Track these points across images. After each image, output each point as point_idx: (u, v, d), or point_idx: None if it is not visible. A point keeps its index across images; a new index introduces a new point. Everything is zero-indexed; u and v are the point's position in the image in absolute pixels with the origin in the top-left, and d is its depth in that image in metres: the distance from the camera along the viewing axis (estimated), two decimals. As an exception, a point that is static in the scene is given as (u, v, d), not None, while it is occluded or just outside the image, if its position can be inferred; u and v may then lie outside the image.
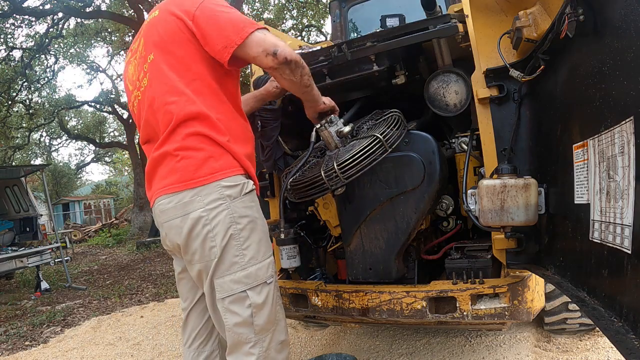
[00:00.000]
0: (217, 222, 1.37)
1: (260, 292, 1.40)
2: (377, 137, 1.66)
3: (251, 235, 1.41)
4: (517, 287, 1.68)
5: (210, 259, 1.39)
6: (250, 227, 1.42)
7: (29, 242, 7.49)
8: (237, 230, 1.39)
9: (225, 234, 1.37)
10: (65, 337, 4.32)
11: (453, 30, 1.70)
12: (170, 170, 1.41)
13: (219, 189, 1.38)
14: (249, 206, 1.44)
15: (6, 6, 9.30)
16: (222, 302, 1.41)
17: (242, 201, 1.42)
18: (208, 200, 1.37)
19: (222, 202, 1.38)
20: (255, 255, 1.41)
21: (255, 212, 1.46)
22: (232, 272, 1.38)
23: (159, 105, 1.43)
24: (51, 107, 14.53)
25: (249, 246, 1.40)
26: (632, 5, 0.82)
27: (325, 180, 1.68)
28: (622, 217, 0.88)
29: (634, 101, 0.81)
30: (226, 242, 1.38)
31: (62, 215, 22.23)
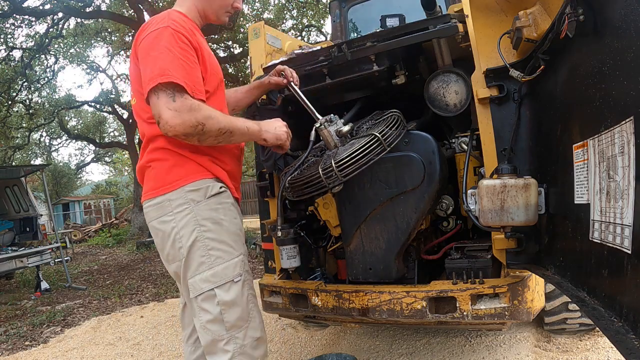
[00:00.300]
0: (183, 224, 1.46)
1: (228, 289, 1.46)
2: (375, 136, 1.66)
3: (216, 236, 1.47)
4: (517, 287, 1.68)
5: (180, 259, 1.48)
6: (215, 229, 1.48)
7: (29, 242, 7.48)
8: (201, 232, 1.46)
9: (190, 236, 1.45)
10: (65, 337, 4.32)
11: (453, 30, 1.70)
12: (147, 178, 1.55)
13: (184, 194, 1.47)
14: (213, 208, 1.49)
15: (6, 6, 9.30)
16: (195, 300, 1.49)
17: (206, 204, 1.48)
18: (175, 204, 1.47)
19: (186, 206, 1.46)
20: (222, 255, 1.47)
21: (220, 214, 1.50)
22: (200, 271, 1.46)
23: (138, 124, 1.60)
24: (51, 107, 14.52)
25: (214, 247, 1.46)
26: (632, 5, 0.82)
27: (323, 178, 1.68)
28: (622, 217, 0.88)
29: (634, 101, 0.81)
30: (191, 242, 1.45)
31: (62, 215, 22.22)
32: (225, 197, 1.54)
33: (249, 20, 11.12)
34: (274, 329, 3.67)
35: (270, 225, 2.26)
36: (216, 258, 1.46)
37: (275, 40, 2.44)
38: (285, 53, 2.42)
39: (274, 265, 2.35)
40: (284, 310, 2.21)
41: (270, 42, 2.38)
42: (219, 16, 1.66)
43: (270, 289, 2.26)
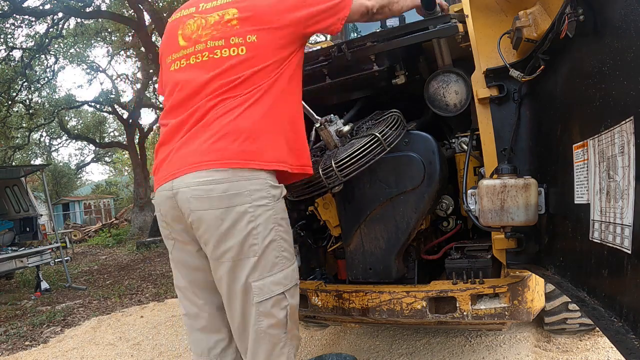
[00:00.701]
0: (262, 220, 1.36)
1: (293, 294, 1.43)
2: (375, 136, 1.66)
3: (288, 237, 1.44)
4: (517, 287, 1.68)
5: (248, 257, 1.35)
6: (287, 229, 1.45)
7: (29, 242, 7.48)
8: (279, 231, 1.39)
9: (269, 234, 1.36)
10: (65, 337, 4.32)
11: (453, 30, 1.70)
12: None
13: (266, 187, 1.39)
14: (284, 208, 1.47)
15: (6, 6, 9.30)
16: (260, 305, 1.37)
17: (282, 202, 1.44)
18: (256, 195, 1.36)
19: (269, 200, 1.39)
20: (290, 257, 1.43)
21: (286, 214, 1.48)
22: (273, 273, 1.37)
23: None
24: (51, 107, 14.52)
25: (286, 248, 1.42)
26: (632, 5, 0.82)
27: (323, 178, 1.68)
28: (622, 217, 0.88)
29: (634, 101, 0.81)
30: (268, 242, 1.36)
31: (62, 215, 22.23)
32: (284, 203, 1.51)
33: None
34: (274, 329, 3.67)
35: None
36: (286, 260, 1.41)
37: (275, 40, 2.44)
38: None
39: (274, 265, 2.35)
40: (284, 310, 2.20)
41: (270, 42, 2.38)
42: None
43: (270, 289, 2.26)
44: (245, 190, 1.33)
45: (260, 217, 1.35)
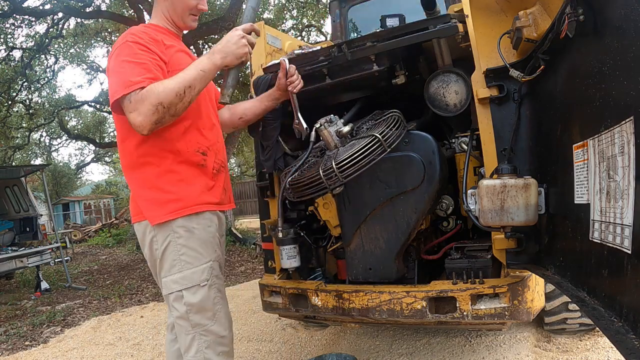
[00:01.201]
0: (158, 230, 1.57)
1: (195, 292, 1.55)
2: (376, 137, 1.66)
3: (187, 243, 1.55)
4: (517, 287, 1.68)
5: (156, 258, 1.60)
6: (186, 236, 1.55)
7: (29, 242, 7.47)
8: (174, 238, 1.54)
9: (165, 240, 1.55)
10: (65, 337, 4.32)
11: (453, 30, 1.70)
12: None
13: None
14: (187, 217, 1.57)
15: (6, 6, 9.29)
16: (167, 298, 1.61)
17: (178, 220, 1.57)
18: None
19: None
20: (191, 261, 1.55)
21: (193, 223, 1.57)
22: (172, 273, 1.56)
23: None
24: (51, 107, 14.51)
25: (185, 252, 1.55)
26: (632, 5, 0.82)
27: (324, 179, 1.68)
28: (622, 217, 0.88)
29: (634, 101, 0.81)
30: (164, 247, 1.55)
31: (62, 215, 22.22)
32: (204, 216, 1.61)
33: (249, 20, 11.09)
34: (274, 329, 3.67)
35: (270, 225, 2.26)
36: (185, 263, 1.55)
37: (275, 40, 2.44)
38: (285, 53, 2.42)
39: (274, 265, 2.35)
40: (284, 310, 2.21)
41: (270, 42, 2.38)
42: (185, 21, 1.69)
43: (270, 289, 2.26)
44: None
45: (156, 229, 1.57)
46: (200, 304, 1.55)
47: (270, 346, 3.30)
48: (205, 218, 1.61)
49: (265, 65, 2.20)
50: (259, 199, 2.47)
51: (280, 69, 1.81)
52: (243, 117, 1.94)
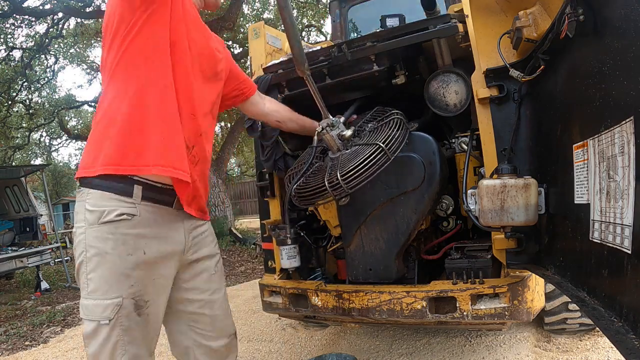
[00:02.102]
0: (76, 242, 1.31)
1: (95, 330, 1.25)
2: (379, 146, 1.66)
3: (95, 268, 1.26)
4: (517, 287, 1.68)
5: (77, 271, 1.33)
6: (97, 261, 1.25)
7: (29, 242, 7.48)
8: (85, 256, 1.27)
9: (79, 257, 1.29)
10: (65, 337, 4.32)
11: (453, 30, 1.70)
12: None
13: (82, 206, 1.30)
14: (102, 237, 1.26)
15: (6, 6, 9.29)
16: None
17: (97, 229, 1.26)
18: (76, 216, 1.33)
19: (82, 223, 1.29)
20: (96, 290, 1.25)
21: (108, 246, 1.25)
22: (81, 295, 1.30)
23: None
24: (51, 107, 14.50)
25: (92, 278, 1.26)
26: (632, 5, 0.82)
27: (330, 190, 1.68)
28: (622, 217, 0.88)
29: (634, 101, 0.81)
30: (78, 263, 1.30)
31: (62, 215, 22.21)
32: (123, 227, 1.26)
33: (249, 20, 11.12)
34: (274, 329, 3.67)
35: (270, 225, 2.27)
36: (90, 291, 1.26)
37: (275, 40, 2.44)
38: (285, 53, 2.42)
39: (274, 265, 2.35)
40: (284, 310, 2.21)
41: (270, 42, 2.38)
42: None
43: (270, 289, 2.26)
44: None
45: (76, 237, 1.31)
46: (96, 344, 1.26)
47: (270, 346, 3.30)
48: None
49: (265, 65, 2.20)
50: (259, 199, 2.47)
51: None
52: (281, 123, 1.89)
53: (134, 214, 1.27)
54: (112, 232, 1.25)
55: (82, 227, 1.28)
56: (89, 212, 1.27)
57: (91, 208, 1.27)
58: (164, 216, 1.35)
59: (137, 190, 1.27)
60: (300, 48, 1.62)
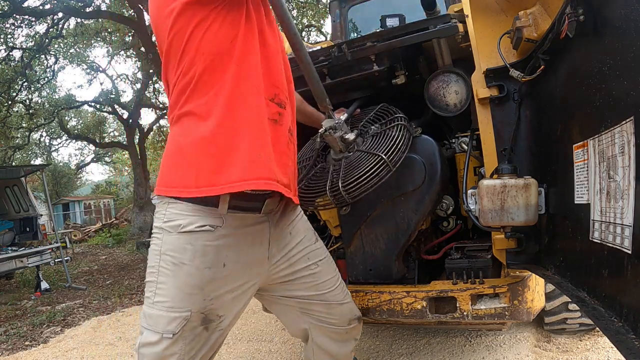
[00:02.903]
0: (151, 248, 1.26)
1: (157, 342, 1.19)
2: (381, 158, 1.67)
3: (167, 279, 1.20)
4: (517, 287, 1.68)
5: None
6: (171, 269, 1.20)
7: (29, 242, 7.48)
8: (159, 264, 1.22)
9: (152, 262, 1.24)
10: (65, 337, 4.32)
11: (453, 30, 1.70)
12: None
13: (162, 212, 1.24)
14: (181, 247, 1.20)
15: (6, 6, 9.30)
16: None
17: (176, 237, 1.20)
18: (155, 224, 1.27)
19: (159, 232, 1.24)
20: (164, 301, 1.20)
21: (186, 256, 1.18)
22: (146, 303, 1.24)
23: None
24: (51, 107, 14.52)
25: (162, 287, 1.20)
26: (632, 5, 0.82)
27: (331, 199, 1.70)
28: (622, 217, 0.88)
29: (634, 101, 0.81)
30: (149, 269, 1.25)
31: (62, 215, 22.21)
32: (204, 239, 1.19)
33: (249, 20, 11.08)
34: (274, 329, 3.67)
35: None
36: (158, 301, 1.20)
37: (275, 40, 2.44)
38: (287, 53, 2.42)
39: (274, 265, 2.35)
40: (284, 310, 2.21)
41: (270, 42, 2.38)
42: None
43: (270, 289, 2.26)
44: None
45: (152, 243, 1.25)
46: (154, 356, 1.19)
47: (270, 346, 3.30)
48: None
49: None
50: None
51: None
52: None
53: (219, 225, 1.20)
54: (192, 242, 1.18)
55: (159, 233, 1.22)
56: (168, 220, 1.21)
57: (172, 217, 1.20)
58: (249, 225, 1.28)
59: (224, 199, 1.19)
60: (320, 86, 1.62)
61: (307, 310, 1.49)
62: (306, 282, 1.45)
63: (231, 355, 3.20)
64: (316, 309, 1.48)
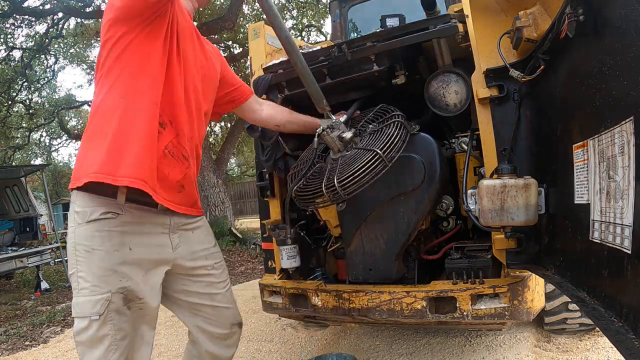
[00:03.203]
0: (68, 240, 1.37)
1: (87, 327, 1.30)
2: (377, 154, 1.65)
3: (85, 267, 1.31)
4: (517, 287, 1.68)
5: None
6: (86, 257, 1.31)
7: (29, 242, 7.48)
8: (75, 255, 1.33)
9: (70, 255, 1.34)
10: (65, 337, 4.32)
11: (453, 30, 1.70)
12: None
13: (72, 208, 1.37)
14: (89, 235, 1.32)
15: (6, 6, 9.30)
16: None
17: (85, 228, 1.33)
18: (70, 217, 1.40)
19: (72, 223, 1.36)
20: (87, 287, 1.30)
21: (96, 242, 1.31)
22: (74, 293, 1.34)
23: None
24: (51, 107, 14.51)
25: (82, 276, 1.31)
26: (632, 5, 0.82)
27: (327, 195, 1.68)
28: (622, 217, 0.88)
29: (634, 101, 0.81)
30: (70, 262, 1.35)
31: (62, 215, 22.19)
32: (108, 225, 1.32)
33: (249, 20, 11.11)
34: (274, 329, 3.67)
35: (270, 225, 2.27)
36: (81, 289, 1.31)
37: (275, 40, 2.44)
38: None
39: (274, 265, 2.35)
40: (284, 310, 2.21)
41: (270, 42, 2.38)
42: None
43: (270, 289, 2.26)
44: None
45: (68, 235, 1.37)
46: (87, 339, 1.31)
47: (270, 346, 3.30)
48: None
49: (265, 65, 2.20)
50: (259, 199, 2.47)
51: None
52: (280, 127, 1.91)
53: (119, 212, 1.33)
54: (99, 229, 1.31)
55: (72, 227, 1.35)
56: (77, 213, 1.34)
57: (79, 209, 1.34)
58: (148, 216, 1.40)
59: (121, 193, 1.32)
60: (317, 88, 1.73)
61: (196, 311, 1.59)
62: (203, 280, 1.57)
63: (231, 355, 3.20)
64: (205, 310, 1.59)
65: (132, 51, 1.32)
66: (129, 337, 1.36)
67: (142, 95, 1.34)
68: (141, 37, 1.32)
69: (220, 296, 1.61)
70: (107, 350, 1.32)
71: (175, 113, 1.42)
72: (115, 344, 1.33)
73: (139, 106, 1.34)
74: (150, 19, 1.31)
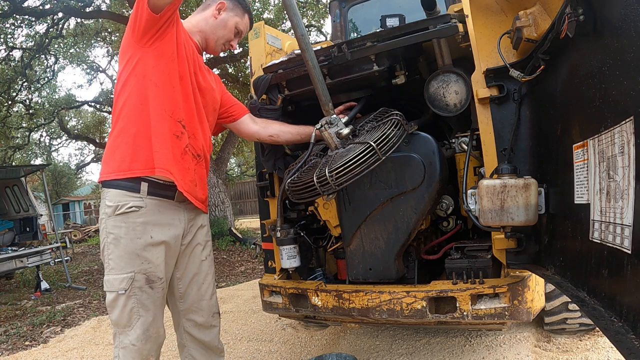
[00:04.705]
0: (101, 229, 1.68)
1: (114, 298, 1.62)
2: (370, 145, 1.64)
3: (113, 250, 1.62)
4: (517, 287, 1.68)
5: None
6: (114, 243, 1.61)
7: (29, 242, 7.47)
8: (105, 242, 1.64)
9: (102, 241, 1.66)
10: (65, 337, 4.32)
11: (453, 30, 1.70)
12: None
13: (104, 203, 1.65)
14: (117, 225, 1.61)
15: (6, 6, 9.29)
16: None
17: (113, 220, 1.62)
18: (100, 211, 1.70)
19: (103, 216, 1.65)
20: (115, 267, 1.62)
21: (122, 232, 1.61)
22: (105, 272, 1.66)
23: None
24: (51, 107, 14.51)
25: (112, 258, 1.62)
26: (632, 5, 0.82)
27: (318, 186, 1.67)
28: (622, 217, 0.88)
29: (634, 101, 0.82)
30: (102, 247, 1.67)
31: (62, 215, 22.21)
32: (133, 217, 1.61)
33: (249, 21, 11.08)
34: (274, 329, 3.67)
35: (270, 225, 2.27)
36: (111, 269, 1.62)
37: (275, 40, 2.44)
38: (285, 53, 2.42)
39: (274, 265, 2.35)
40: (284, 310, 2.21)
41: (270, 42, 2.38)
42: (217, 45, 1.89)
43: (270, 289, 2.26)
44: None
45: (100, 227, 1.69)
46: (117, 309, 1.62)
47: (270, 346, 3.30)
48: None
49: (265, 65, 2.20)
50: (259, 199, 2.48)
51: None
52: (274, 137, 2.02)
53: (141, 205, 1.62)
54: (125, 221, 1.61)
55: (103, 219, 1.65)
56: (107, 206, 1.63)
57: (109, 203, 1.62)
58: (166, 207, 1.68)
59: (144, 187, 1.62)
60: (324, 87, 1.83)
61: (184, 296, 1.85)
62: (196, 261, 1.85)
63: (231, 355, 3.20)
64: (191, 298, 1.86)
65: (152, 65, 1.60)
66: (151, 310, 1.66)
67: (163, 101, 1.62)
68: (156, 53, 1.59)
69: (205, 286, 1.88)
70: (131, 318, 1.63)
71: (189, 119, 1.71)
72: (138, 313, 1.63)
73: (161, 110, 1.61)
74: (161, 30, 1.56)
